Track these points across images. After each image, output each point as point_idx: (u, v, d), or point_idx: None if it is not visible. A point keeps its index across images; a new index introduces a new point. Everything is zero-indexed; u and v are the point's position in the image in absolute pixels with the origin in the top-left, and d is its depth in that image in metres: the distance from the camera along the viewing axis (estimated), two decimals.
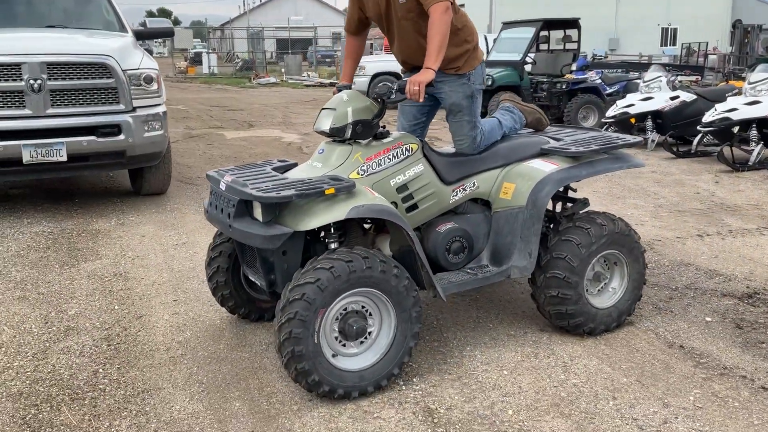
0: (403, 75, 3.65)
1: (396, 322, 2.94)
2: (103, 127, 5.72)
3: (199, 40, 52.25)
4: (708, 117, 8.38)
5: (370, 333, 2.97)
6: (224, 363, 3.25)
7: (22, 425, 2.74)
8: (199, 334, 3.56)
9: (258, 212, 2.91)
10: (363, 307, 2.93)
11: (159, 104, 6.15)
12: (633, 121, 9.59)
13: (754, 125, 8.25)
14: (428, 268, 3.09)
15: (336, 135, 3.15)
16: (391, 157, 3.22)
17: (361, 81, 15.52)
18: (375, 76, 15.40)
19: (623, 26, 37.15)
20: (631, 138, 3.75)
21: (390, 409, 2.85)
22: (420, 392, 2.98)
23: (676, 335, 3.53)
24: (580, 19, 12.65)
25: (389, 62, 15.88)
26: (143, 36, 7.66)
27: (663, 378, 3.09)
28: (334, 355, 2.88)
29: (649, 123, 9.56)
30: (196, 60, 34.63)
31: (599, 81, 11.71)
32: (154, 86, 6.07)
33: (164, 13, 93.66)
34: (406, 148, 3.27)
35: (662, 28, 38.00)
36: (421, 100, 3.09)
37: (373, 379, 2.92)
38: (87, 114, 5.67)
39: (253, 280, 3.32)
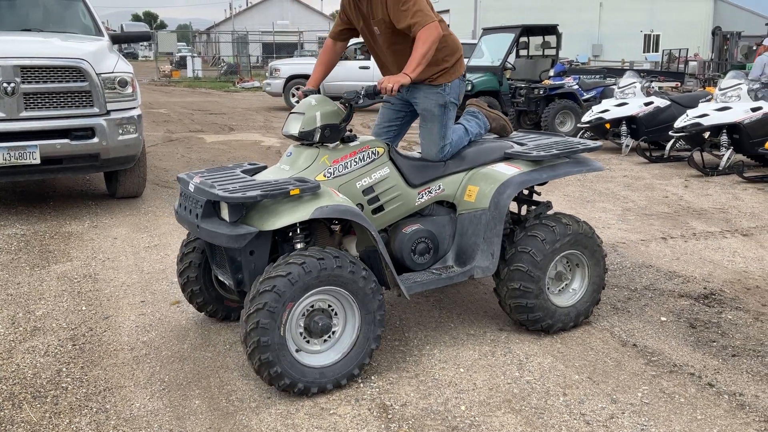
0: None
1: (360, 323, 3.03)
2: (76, 130, 5.75)
3: (184, 43, 52.16)
4: (680, 122, 8.53)
5: (334, 332, 3.05)
6: (187, 362, 3.30)
7: None
8: (164, 334, 3.61)
9: (225, 213, 2.98)
10: (329, 306, 3.02)
11: (134, 107, 6.19)
12: (608, 126, 9.73)
13: (725, 131, 8.40)
14: (392, 268, 3.18)
15: (305, 138, 3.24)
16: (357, 160, 3.32)
17: (276, 83, 15.77)
18: (289, 78, 15.59)
19: (606, 32, 37.51)
20: (591, 143, 3.86)
21: (346, 405, 2.92)
22: (377, 389, 3.05)
23: (631, 334, 3.62)
24: (558, 25, 12.79)
25: (305, 65, 16.24)
26: (120, 40, 7.68)
27: (614, 375, 3.18)
28: (297, 350, 2.95)
29: (623, 128, 9.70)
30: (181, 64, 34.60)
31: (576, 87, 11.85)
32: (129, 90, 6.11)
33: (150, 16, 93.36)
34: (372, 152, 3.37)
35: (645, 35, 38.39)
36: (393, 94, 3.18)
37: (333, 377, 2.99)
38: (61, 117, 5.69)
39: (222, 279, 3.38)
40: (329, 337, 3.05)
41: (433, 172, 3.56)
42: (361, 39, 3.72)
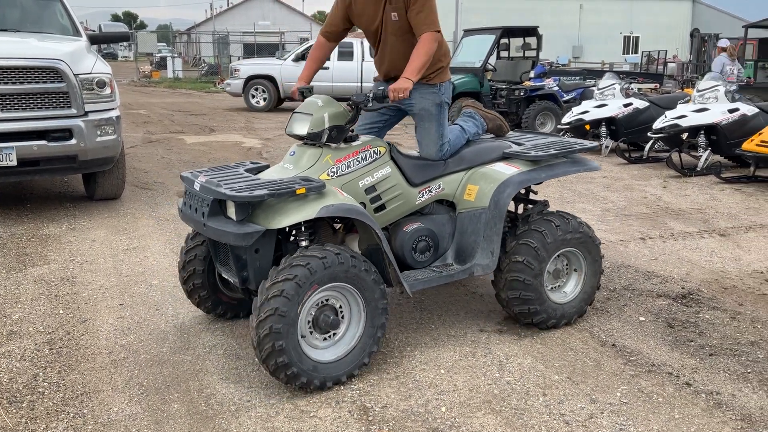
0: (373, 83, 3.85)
1: (365, 315, 3.10)
2: (54, 132, 5.69)
3: (164, 44, 51.78)
4: (658, 124, 8.61)
5: (342, 325, 3.12)
6: (166, 366, 3.28)
7: None
8: (142, 338, 3.58)
9: (231, 211, 3.02)
10: (333, 300, 3.08)
11: (112, 109, 6.13)
12: (588, 127, 9.81)
13: (702, 132, 8.50)
14: (395, 265, 3.25)
15: (313, 139, 3.28)
16: (359, 159, 3.36)
17: (236, 83, 15.96)
18: (249, 79, 15.68)
19: (586, 34, 37.83)
20: (588, 143, 3.95)
21: (327, 408, 2.91)
22: (357, 391, 3.04)
23: (610, 334, 3.65)
24: (538, 27, 12.88)
25: (264, 65, 16.43)
26: (98, 40, 7.61)
27: (593, 375, 3.20)
28: (309, 347, 3.01)
29: (603, 129, 9.78)
30: (161, 64, 34.34)
31: (556, 88, 11.93)
32: (107, 90, 6.05)
33: (130, 16, 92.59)
34: (374, 151, 3.42)
35: (624, 37, 38.78)
36: (403, 98, 3.31)
37: (346, 369, 3.07)
38: (38, 118, 5.63)
39: (226, 277, 3.41)
40: (337, 331, 3.11)
41: (433, 171, 3.61)
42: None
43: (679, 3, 38.93)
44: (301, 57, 16.13)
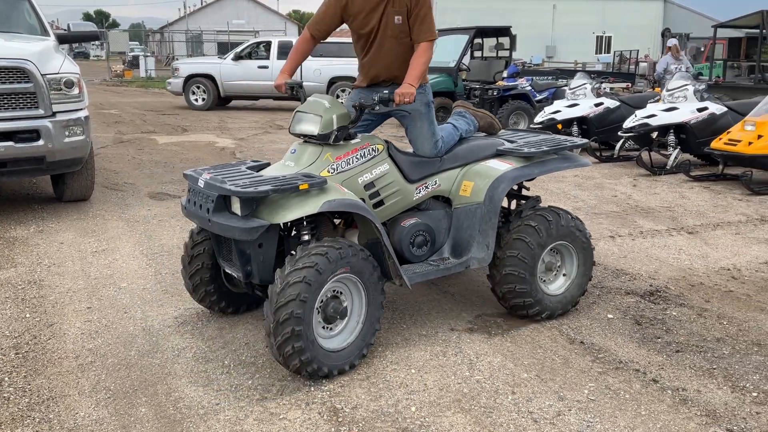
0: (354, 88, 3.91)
1: (366, 307, 3.23)
2: (21, 133, 5.60)
3: (137, 42, 51.23)
4: (628, 123, 8.72)
5: (348, 316, 3.24)
6: (133, 369, 3.24)
7: None
8: (110, 341, 3.54)
9: (236, 207, 3.09)
10: (340, 292, 3.21)
11: (81, 109, 6.05)
12: (559, 127, 9.88)
13: (672, 131, 8.62)
14: (395, 258, 3.34)
15: (322, 140, 3.37)
16: (358, 156, 3.46)
17: (176, 82, 16.08)
18: (189, 77, 15.87)
19: (560, 34, 38.16)
20: (578, 140, 4.10)
21: (296, 410, 2.90)
22: (328, 393, 3.04)
23: (578, 332, 3.69)
24: (511, 27, 12.96)
25: (203, 64, 16.53)
26: (67, 40, 7.49)
27: (561, 373, 3.23)
28: (319, 336, 3.12)
29: (574, 129, 9.86)
30: (134, 63, 33.94)
31: (529, 88, 12.01)
32: (75, 91, 5.97)
33: (101, 15, 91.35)
34: (372, 149, 3.52)
35: (597, 36, 39.16)
36: (409, 102, 3.43)
37: (348, 358, 3.18)
38: (4, 119, 5.53)
39: (230, 272, 3.48)
40: (342, 321, 3.23)
41: (430, 168, 3.71)
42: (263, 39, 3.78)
43: (650, 3, 39.41)
44: (240, 56, 16.18)
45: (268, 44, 16.43)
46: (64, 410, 2.88)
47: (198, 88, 16.02)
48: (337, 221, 3.71)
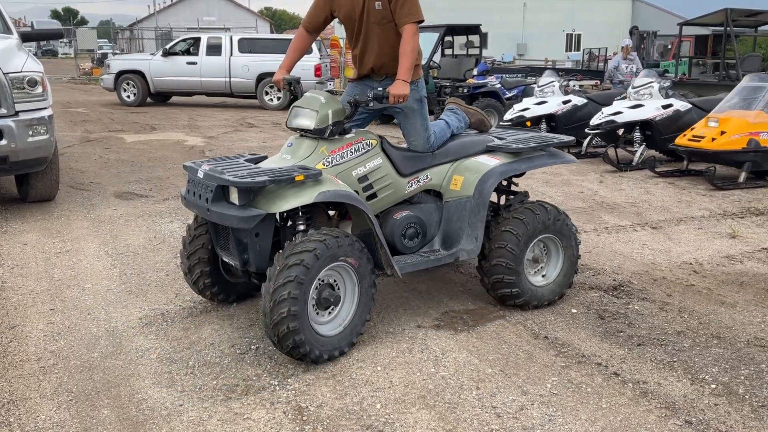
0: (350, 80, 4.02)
1: (358, 296, 3.36)
2: None
3: (106, 40, 50.47)
4: (595, 120, 8.83)
5: (340, 303, 3.36)
6: (96, 371, 3.21)
7: None
8: (73, 343, 3.50)
9: (234, 197, 3.21)
10: (335, 281, 3.32)
11: (44, 108, 5.95)
12: (528, 124, 9.97)
13: (638, 127, 8.75)
14: (387, 248, 3.48)
15: (317, 134, 3.48)
16: (353, 150, 3.58)
17: (108, 78, 16.22)
18: (119, 74, 16.01)
19: (530, 32, 38.46)
20: (565, 137, 4.25)
21: (261, 409, 2.89)
22: (293, 392, 3.04)
23: (543, 327, 3.73)
24: (481, 25, 13.03)
25: (133, 61, 16.67)
26: (30, 38, 7.35)
27: (525, 367, 3.27)
28: (313, 321, 3.24)
29: (543, 126, 9.95)
30: (103, 61, 33.39)
31: (499, 85, 12.10)
32: (39, 89, 5.88)
33: (69, 12, 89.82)
34: (366, 143, 3.63)
35: (567, 34, 39.53)
36: (403, 102, 3.52)
37: (338, 345, 3.29)
38: None
39: (227, 261, 3.59)
40: (335, 308, 3.35)
41: (422, 163, 3.83)
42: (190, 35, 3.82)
43: (619, 1, 39.88)
44: (170, 53, 16.14)
45: (197, 41, 16.48)
46: (25, 413, 2.85)
47: (129, 84, 16.01)
48: (331, 213, 3.82)
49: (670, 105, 8.74)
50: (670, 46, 25.44)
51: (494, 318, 3.83)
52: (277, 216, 3.44)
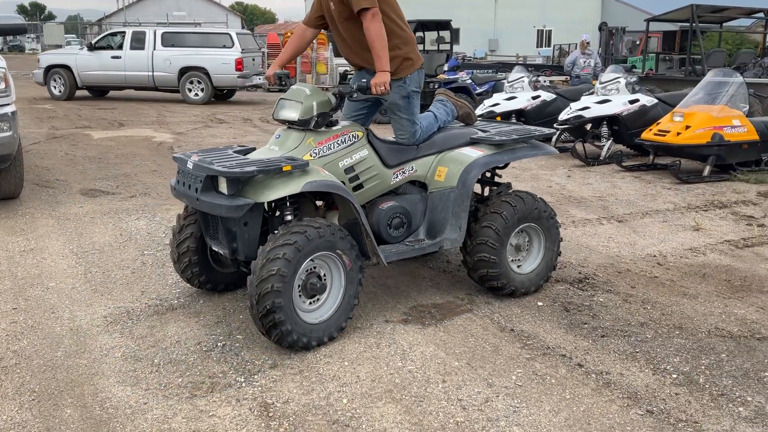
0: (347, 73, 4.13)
1: (345, 283, 3.43)
2: None
3: (74, 35, 49.70)
4: (563, 115, 8.92)
5: (327, 290, 3.44)
6: (59, 370, 3.17)
7: None
8: (36, 342, 3.45)
9: (223, 186, 3.28)
10: (318, 269, 3.38)
11: (7, 104, 5.85)
12: (498, 119, 10.03)
13: (605, 122, 8.86)
14: (372, 237, 3.56)
15: (302, 125, 3.55)
16: (339, 142, 3.66)
17: (38, 73, 16.29)
18: (48, 69, 16.03)
19: (501, 28, 38.66)
20: (546, 130, 4.36)
21: (226, 406, 2.88)
22: (259, 388, 3.03)
23: (509, 320, 3.77)
24: (451, 21, 13.07)
25: (61, 55, 16.66)
26: None
27: (491, 360, 3.30)
28: (300, 310, 3.32)
29: (513, 121, 10.02)
30: None
31: (470, 81, 12.16)
32: (2, 85, 5.77)
33: (37, 7, 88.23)
34: (352, 135, 3.71)
35: (538, 30, 39.82)
36: (386, 93, 3.57)
37: (327, 331, 3.39)
38: None
39: (216, 250, 3.68)
40: (322, 296, 3.43)
41: (407, 154, 3.91)
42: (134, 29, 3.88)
43: None
44: (95, 47, 16.09)
45: (123, 35, 16.45)
46: None
47: (58, 78, 16.03)
48: (318, 203, 3.88)
49: (637, 100, 8.86)
50: (638, 42, 25.77)
51: (462, 312, 3.86)
52: (265, 206, 3.50)
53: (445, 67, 12.46)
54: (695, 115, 7.74)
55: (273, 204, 3.58)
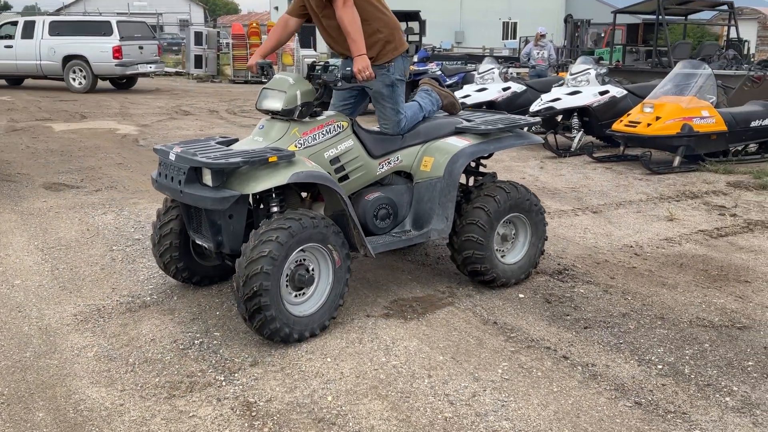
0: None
1: (333, 280, 3.38)
2: None
3: None
4: (534, 107, 8.92)
5: (314, 284, 3.37)
6: (29, 371, 3.03)
7: None
8: (3, 343, 3.30)
9: (208, 178, 3.21)
10: (306, 261, 3.32)
11: None
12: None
13: (576, 114, 8.89)
14: (360, 228, 3.50)
15: (285, 115, 3.48)
16: (324, 132, 3.60)
17: None
18: None
19: (468, 20, 38.72)
20: (530, 119, 4.43)
21: (207, 406, 2.78)
22: (240, 387, 2.94)
23: (492, 312, 3.73)
24: (420, 11, 13.01)
25: None
26: None
27: (476, 354, 3.25)
28: (286, 302, 3.25)
29: (496, 110, 10.00)
30: None
31: (440, 72, 12.11)
32: None
33: None
34: (337, 125, 3.65)
35: (503, 22, 39.96)
36: (371, 79, 3.53)
37: (310, 326, 3.31)
38: None
39: (200, 243, 3.60)
40: (309, 289, 3.36)
41: (392, 144, 3.86)
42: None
43: None
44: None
45: (15, 24, 16.37)
46: None
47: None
48: (304, 194, 3.81)
49: (607, 91, 8.91)
50: (603, 34, 26.02)
51: (443, 305, 3.80)
52: (251, 198, 3.43)
53: (415, 59, 12.41)
54: (665, 106, 7.80)
55: (258, 196, 3.49)
